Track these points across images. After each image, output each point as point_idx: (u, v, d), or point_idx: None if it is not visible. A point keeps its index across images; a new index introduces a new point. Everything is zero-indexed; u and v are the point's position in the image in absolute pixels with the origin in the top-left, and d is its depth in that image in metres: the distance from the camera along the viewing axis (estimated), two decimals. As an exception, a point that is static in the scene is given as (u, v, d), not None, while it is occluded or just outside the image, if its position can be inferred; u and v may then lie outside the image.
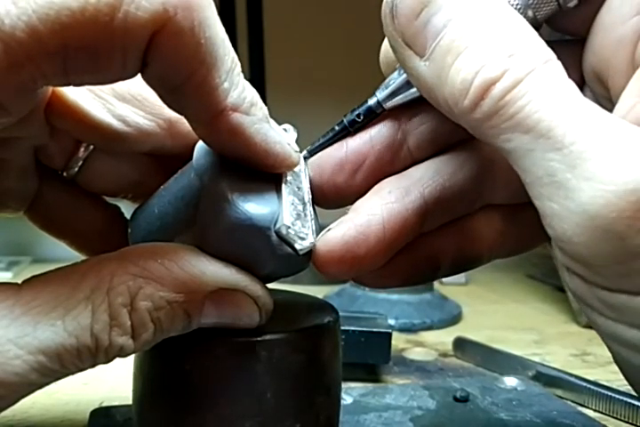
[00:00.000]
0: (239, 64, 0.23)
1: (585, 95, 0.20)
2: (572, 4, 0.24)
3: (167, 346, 0.23)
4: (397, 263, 0.27)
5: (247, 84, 0.23)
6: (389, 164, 0.27)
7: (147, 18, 0.19)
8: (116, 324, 0.21)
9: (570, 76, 0.21)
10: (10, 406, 0.21)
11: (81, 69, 0.20)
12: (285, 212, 0.24)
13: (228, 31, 0.22)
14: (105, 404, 0.37)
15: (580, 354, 0.50)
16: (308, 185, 0.27)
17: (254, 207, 0.23)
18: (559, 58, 0.21)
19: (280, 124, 0.27)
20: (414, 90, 0.25)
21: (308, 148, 0.28)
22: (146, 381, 0.27)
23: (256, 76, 0.83)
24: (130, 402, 0.28)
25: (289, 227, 0.24)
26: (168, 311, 0.22)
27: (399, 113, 0.27)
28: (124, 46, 0.20)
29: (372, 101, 0.26)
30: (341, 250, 0.25)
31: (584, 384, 0.41)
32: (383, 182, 0.26)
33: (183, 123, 0.28)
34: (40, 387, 0.21)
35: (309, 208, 0.26)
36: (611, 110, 0.21)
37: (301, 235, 0.24)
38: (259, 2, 0.83)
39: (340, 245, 0.25)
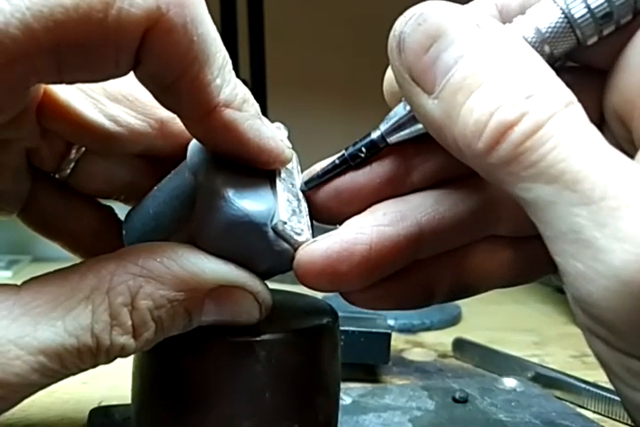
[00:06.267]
0: (230, 61, 0.23)
1: (604, 135, 0.19)
2: (592, 42, 0.22)
3: (166, 346, 0.23)
4: (390, 287, 0.26)
5: (239, 81, 0.23)
6: (388, 196, 0.26)
7: (140, 15, 0.19)
8: (116, 323, 0.21)
9: (588, 113, 0.19)
10: (11, 407, 0.21)
11: (74, 66, 0.20)
12: (281, 208, 0.24)
13: (228, 31, 0.22)
14: (104, 403, 0.37)
15: (580, 355, 0.50)
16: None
17: (250, 204, 0.23)
18: (576, 91, 0.19)
19: (283, 124, 0.28)
20: (421, 126, 0.24)
21: (305, 178, 0.26)
22: (145, 380, 0.27)
23: (256, 76, 0.83)
24: (129, 401, 0.28)
25: (285, 223, 0.24)
26: (169, 310, 0.22)
27: (403, 147, 0.25)
28: (118, 43, 0.20)
29: (375, 135, 0.25)
30: (323, 263, 0.24)
31: (583, 386, 0.41)
32: (381, 204, 0.25)
33: (175, 123, 0.28)
34: (41, 388, 0.21)
35: (303, 204, 0.26)
36: (631, 153, 0.19)
37: (297, 230, 0.24)
38: (259, 2, 0.83)
39: (323, 258, 0.24)
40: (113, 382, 0.40)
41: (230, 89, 0.23)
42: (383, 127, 0.25)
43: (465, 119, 0.20)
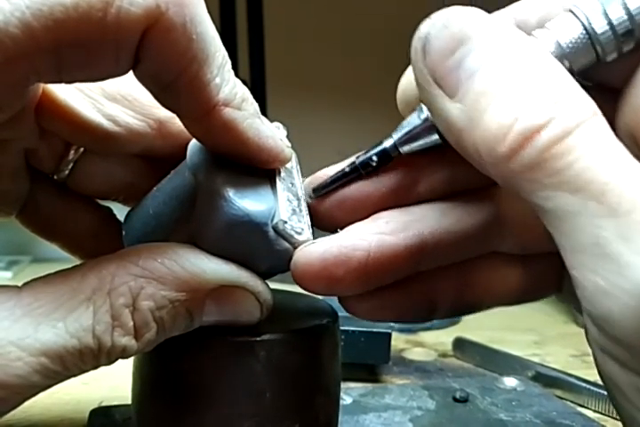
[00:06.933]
0: (229, 60, 0.23)
1: None
2: (611, 58, 0.22)
3: (166, 346, 0.23)
4: (391, 298, 0.26)
5: (238, 80, 0.23)
6: (394, 206, 0.25)
7: (139, 14, 0.19)
8: (118, 324, 0.21)
9: None
10: (13, 408, 0.21)
11: (74, 65, 0.20)
12: (282, 207, 0.24)
13: (228, 31, 0.22)
14: (104, 403, 0.37)
15: (580, 355, 0.50)
16: (301, 181, 0.27)
17: (251, 204, 0.23)
18: None
19: (282, 124, 0.28)
20: (435, 137, 0.23)
21: (313, 186, 0.26)
22: (145, 380, 0.27)
23: (256, 76, 0.83)
24: (129, 402, 0.28)
25: (286, 222, 0.24)
26: (170, 311, 0.22)
27: (411, 157, 0.25)
28: (117, 42, 0.20)
29: (388, 144, 0.24)
30: (319, 266, 0.24)
31: (584, 385, 0.41)
32: (385, 212, 0.25)
33: (174, 123, 0.28)
34: (43, 389, 0.21)
35: (303, 204, 0.26)
36: None
37: (298, 230, 0.24)
38: (259, 2, 0.83)
39: (319, 260, 0.24)
40: (113, 383, 0.39)
41: (229, 88, 0.23)
42: (396, 136, 0.24)
43: (488, 123, 0.19)
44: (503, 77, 0.19)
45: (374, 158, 0.25)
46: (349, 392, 0.38)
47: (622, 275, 0.17)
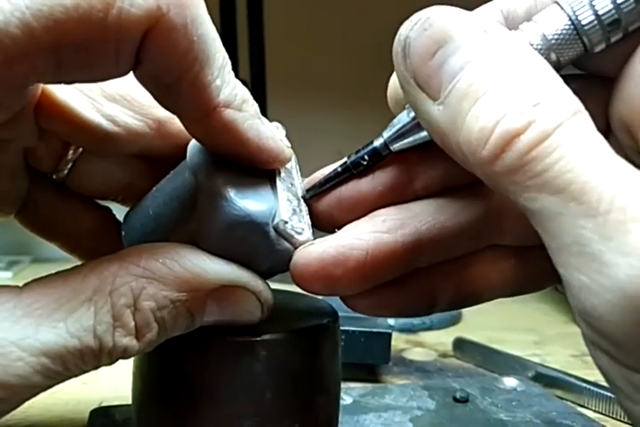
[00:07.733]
0: (230, 62, 0.23)
1: (610, 144, 0.19)
2: (599, 49, 0.22)
3: (166, 346, 0.23)
4: (391, 294, 0.26)
5: (238, 81, 0.23)
6: (391, 204, 0.26)
7: (140, 15, 0.19)
8: (119, 325, 0.21)
9: (595, 122, 0.19)
10: (13, 408, 0.21)
11: (74, 66, 0.20)
12: (282, 207, 0.24)
13: (228, 31, 0.22)
14: (104, 403, 0.37)
15: (580, 355, 0.50)
16: (300, 181, 0.27)
17: (252, 204, 0.23)
18: (582, 99, 0.19)
19: (281, 124, 0.28)
20: (425, 133, 0.23)
21: (307, 187, 0.26)
22: (145, 380, 0.27)
23: (256, 76, 0.83)
24: (129, 402, 0.28)
25: (286, 222, 0.24)
26: (171, 311, 0.22)
27: (406, 154, 0.25)
28: (118, 43, 0.20)
29: (377, 143, 0.25)
30: (317, 266, 0.24)
31: (584, 385, 0.41)
32: (381, 210, 0.25)
33: (173, 123, 0.28)
34: (43, 389, 0.21)
35: (303, 204, 0.26)
36: (637, 163, 0.19)
37: (298, 230, 0.24)
38: (259, 2, 0.83)
39: (317, 260, 0.24)
40: (113, 383, 0.39)
41: (230, 89, 0.23)
42: (386, 135, 0.24)
43: (470, 126, 0.19)
44: (485, 79, 0.19)
45: (365, 157, 0.25)
46: (349, 392, 0.38)
47: (603, 273, 0.17)
